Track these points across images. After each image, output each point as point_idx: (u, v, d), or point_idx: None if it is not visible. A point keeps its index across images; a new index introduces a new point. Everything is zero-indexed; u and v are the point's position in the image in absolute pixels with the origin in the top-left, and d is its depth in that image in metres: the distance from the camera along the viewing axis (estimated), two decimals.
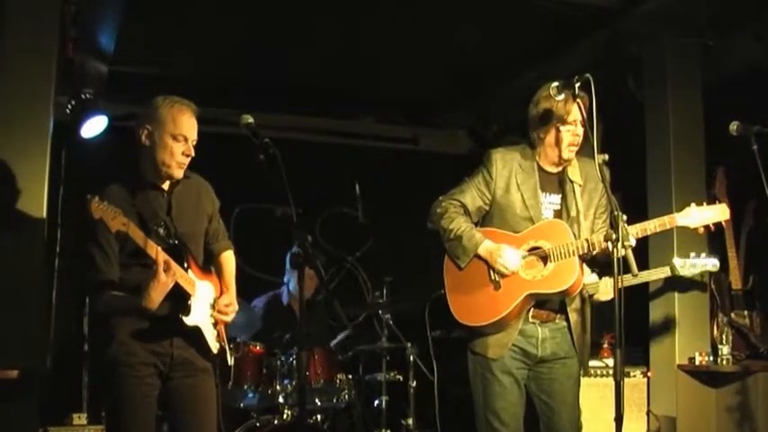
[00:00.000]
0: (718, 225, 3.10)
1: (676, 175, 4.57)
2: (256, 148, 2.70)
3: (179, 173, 2.92)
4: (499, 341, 3.04)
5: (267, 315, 4.93)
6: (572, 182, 3.12)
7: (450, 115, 6.30)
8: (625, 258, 2.73)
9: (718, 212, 3.08)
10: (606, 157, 2.98)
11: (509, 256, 3.02)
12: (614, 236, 2.68)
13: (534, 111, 3.10)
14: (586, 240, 3.01)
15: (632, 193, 4.53)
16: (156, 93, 2.94)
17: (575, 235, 3.04)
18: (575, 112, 3.03)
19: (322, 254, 4.46)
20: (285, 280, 5.11)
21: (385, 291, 4.77)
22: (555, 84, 2.94)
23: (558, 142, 3.07)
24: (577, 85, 2.85)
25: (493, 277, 3.04)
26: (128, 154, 2.96)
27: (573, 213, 3.08)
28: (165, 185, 2.94)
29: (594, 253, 3.02)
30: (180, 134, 2.87)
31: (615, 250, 2.67)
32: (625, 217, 2.80)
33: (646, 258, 4.43)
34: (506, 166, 3.10)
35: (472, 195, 3.12)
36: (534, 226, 3.06)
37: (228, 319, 3.03)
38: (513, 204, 3.08)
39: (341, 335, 4.85)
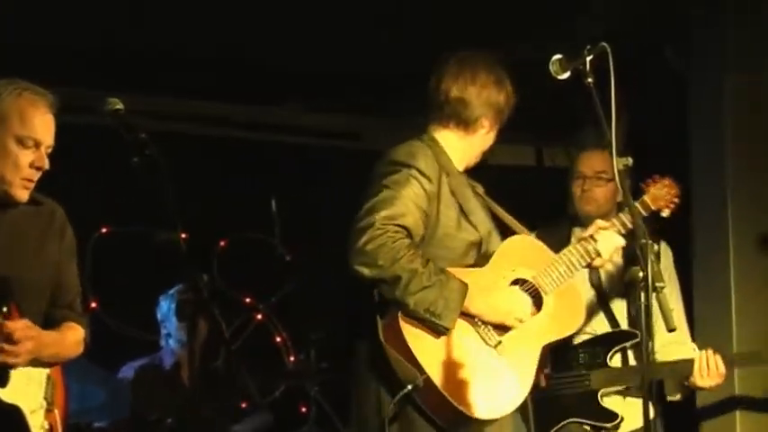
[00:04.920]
0: None
1: (735, 183, 4.68)
2: (128, 147, 2.69)
3: (23, 194, 2.87)
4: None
5: (140, 389, 4.84)
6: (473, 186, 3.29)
7: (406, 102, 6.35)
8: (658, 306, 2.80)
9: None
10: (630, 161, 3.07)
11: (519, 301, 3.09)
12: (641, 274, 2.75)
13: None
14: (578, 249, 3.17)
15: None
16: None
17: None
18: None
19: (222, 300, 4.45)
20: (165, 338, 5.07)
21: (312, 353, 4.77)
22: (557, 57, 3.02)
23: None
24: (589, 58, 2.92)
25: (491, 337, 3.06)
26: None
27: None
28: None
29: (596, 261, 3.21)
30: (30, 137, 2.84)
31: (643, 295, 2.74)
32: (657, 247, 2.87)
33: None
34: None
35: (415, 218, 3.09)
36: (497, 251, 3.15)
37: (17, 359, 2.82)
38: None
39: (250, 417, 4.85)
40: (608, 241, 3.23)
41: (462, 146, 3.23)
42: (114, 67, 5.38)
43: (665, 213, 3.57)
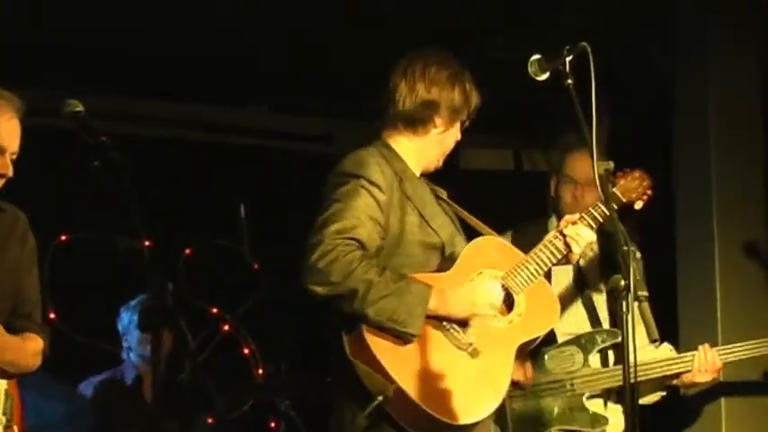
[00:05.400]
0: None
1: (719, 190, 4.70)
2: (88, 150, 2.68)
3: None
4: None
5: (101, 405, 4.83)
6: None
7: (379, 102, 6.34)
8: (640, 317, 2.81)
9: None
10: (612, 165, 3.07)
11: (487, 288, 3.10)
12: (622, 283, 2.74)
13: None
14: (547, 246, 3.19)
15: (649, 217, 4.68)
16: None
17: None
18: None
19: (187, 309, 4.42)
20: (127, 351, 5.02)
21: (282, 365, 4.78)
22: (536, 57, 3.02)
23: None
24: (569, 58, 2.93)
25: (462, 339, 3.06)
26: None
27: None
28: None
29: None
30: None
31: (624, 305, 2.74)
32: (639, 254, 2.87)
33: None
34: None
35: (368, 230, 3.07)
36: (462, 254, 3.15)
37: None
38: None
39: None
40: (578, 236, 3.23)
41: (415, 148, 3.20)
42: (73, 68, 5.35)
43: (638, 206, 3.56)
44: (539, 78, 3.04)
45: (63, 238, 4.82)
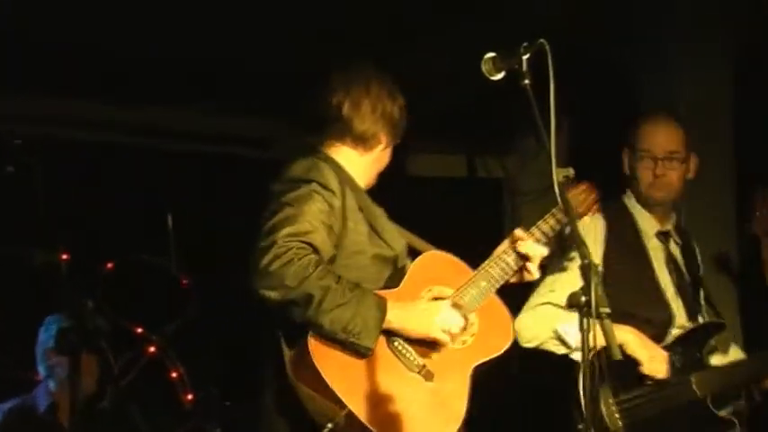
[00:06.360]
0: None
1: (689, 197, 4.76)
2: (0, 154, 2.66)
3: None
4: None
5: None
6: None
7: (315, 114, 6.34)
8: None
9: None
10: (572, 172, 3.09)
11: (448, 314, 3.10)
12: (583, 299, 2.74)
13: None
14: (498, 262, 3.24)
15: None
16: None
17: None
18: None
19: (109, 329, 4.39)
20: (43, 375, 4.97)
21: (213, 389, 4.76)
22: (490, 55, 3.02)
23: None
24: (525, 57, 2.93)
25: (413, 360, 3.07)
26: None
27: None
28: None
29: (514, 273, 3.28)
30: None
31: (585, 322, 2.75)
32: (600, 267, 2.87)
33: None
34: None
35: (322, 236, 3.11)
36: (410, 270, 3.18)
37: None
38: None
39: None
40: (530, 252, 3.27)
41: (361, 164, 3.31)
42: None
43: None
44: (493, 78, 3.05)
45: None
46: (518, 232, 3.32)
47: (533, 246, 3.27)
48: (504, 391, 5.12)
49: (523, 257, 3.26)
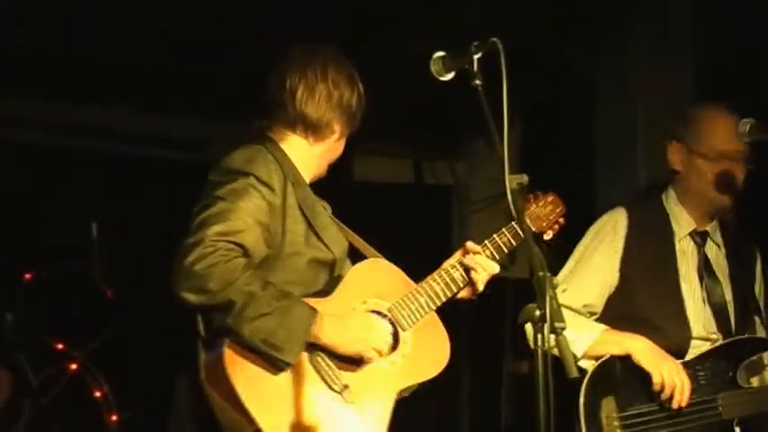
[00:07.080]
0: None
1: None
2: None
3: None
4: None
5: None
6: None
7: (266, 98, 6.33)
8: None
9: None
10: (525, 178, 3.09)
11: (377, 328, 3.10)
12: (537, 313, 2.74)
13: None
14: (442, 276, 3.21)
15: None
16: None
17: None
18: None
19: (28, 344, 4.38)
20: None
21: (140, 409, 4.80)
22: (439, 55, 3.02)
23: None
24: (476, 56, 2.93)
25: (336, 378, 3.05)
26: None
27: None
28: None
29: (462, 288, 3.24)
30: None
31: (539, 338, 2.75)
32: (557, 280, 2.84)
33: None
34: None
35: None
36: (346, 278, 3.16)
37: None
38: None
39: None
40: (480, 268, 3.25)
41: (310, 154, 3.26)
42: None
43: (548, 236, 3.57)
44: (442, 78, 3.05)
45: None
46: (470, 245, 3.29)
47: (486, 261, 3.25)
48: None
49: (472, 273, 3.24)
